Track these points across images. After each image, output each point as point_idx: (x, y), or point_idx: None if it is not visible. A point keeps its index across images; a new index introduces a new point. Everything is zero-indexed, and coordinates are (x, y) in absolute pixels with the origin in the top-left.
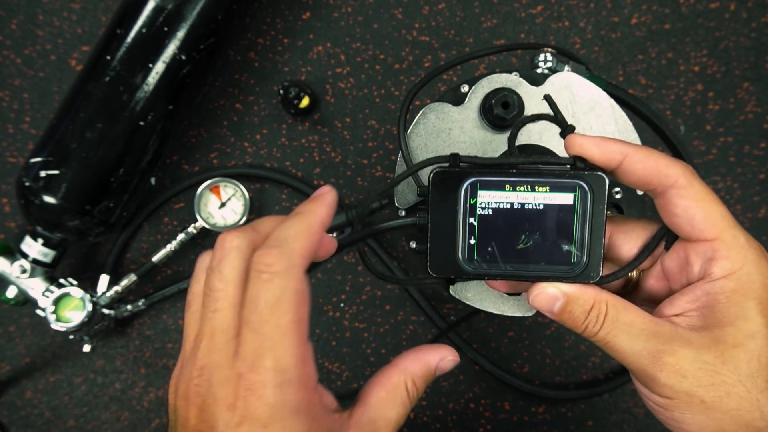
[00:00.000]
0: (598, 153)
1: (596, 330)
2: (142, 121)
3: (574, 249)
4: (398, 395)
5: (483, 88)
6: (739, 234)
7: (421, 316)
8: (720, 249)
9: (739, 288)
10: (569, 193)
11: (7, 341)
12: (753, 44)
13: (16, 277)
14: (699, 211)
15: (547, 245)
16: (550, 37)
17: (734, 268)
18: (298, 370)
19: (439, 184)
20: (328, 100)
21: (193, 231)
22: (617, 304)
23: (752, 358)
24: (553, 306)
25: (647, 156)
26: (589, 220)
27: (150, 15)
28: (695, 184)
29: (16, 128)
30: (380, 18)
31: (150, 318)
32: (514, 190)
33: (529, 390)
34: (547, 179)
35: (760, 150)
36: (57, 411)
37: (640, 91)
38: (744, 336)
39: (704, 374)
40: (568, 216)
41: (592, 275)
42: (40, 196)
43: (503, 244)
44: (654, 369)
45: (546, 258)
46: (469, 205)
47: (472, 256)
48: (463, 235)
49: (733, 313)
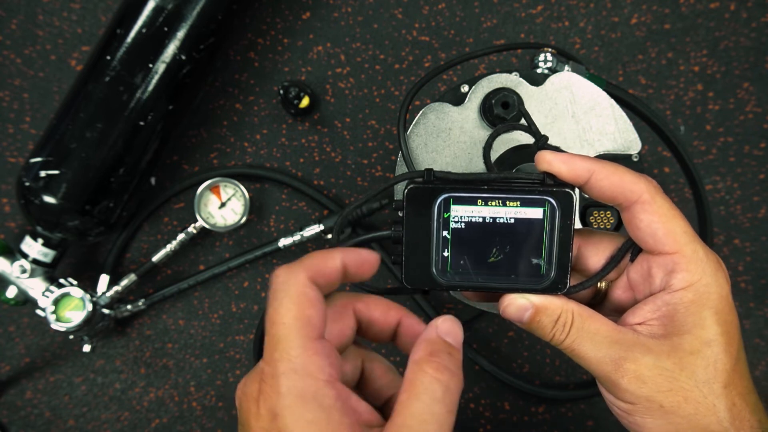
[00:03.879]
0: (566, 170)
1: (563, 338)
2: (142, 121)
3: (542, 262)
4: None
5: (483, 88)
6: (698, 248)
7: (421, 316)
8: (680, 262)
9: (697, 299)
10: (539, 208)
11: (7, 341)
12: (753, 44)
13: (16, 277)
14: (661, 225)
15: (518, 258)
16: (550, 37)
17: (693, 280)
18: (303, 360)
19: (414, 199)
20: (328, 100)
21: (193, 231)
22: (582, 313)
23: (708, 365)
24: (522, 316)
25: (613, 173)
26: (558, 234)
27: (150, 15)
28: (658, 200)
29: (16, 128)
30: (380, 18)
31: (150, 318)
32: (486, 204)
33: (529, 390)
34: (518, 195)
35: (760, 150)
36: (57, 411)
37: (640, 91)
38: (701, 344)
39: (663, 380)
40: (537, 230)
41: (559, 287)
42: (40, 196)
43: (475, 257)
44: (616, 375)
45: (516, 271)
46: (442, 219)
47: (445, 269)
48: (437, 249)
49: (691, 322)
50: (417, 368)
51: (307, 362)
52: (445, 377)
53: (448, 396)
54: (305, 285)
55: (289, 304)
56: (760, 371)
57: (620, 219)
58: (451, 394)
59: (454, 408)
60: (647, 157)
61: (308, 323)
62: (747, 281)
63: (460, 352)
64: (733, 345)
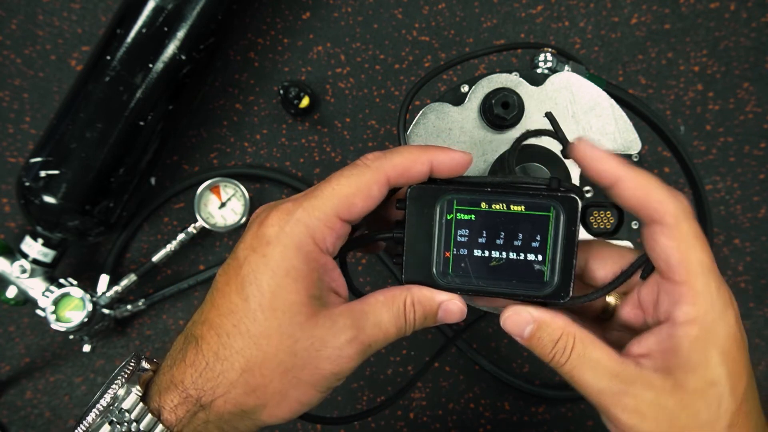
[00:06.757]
0: (593, 168)
1: (563, 362)
2: (142, 121)
3: (545, 269)
4: (395, 304)
5: (483, 88)
6: (711, 282)
7: None
8: (686, 294)
9: (703, 335)
10: (543, 212)
11: (7, 341)
12: (753, 44)
13: (16, 277)
14: (676, 253)
15: (520, 264)
16: (550, 37)
17: (698, 315)
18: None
19: (416, 200)
20: (328, 100)
21: (193, 231)
22: (585, 339)
23: (712, 406)
24: (523, 331)
25: (640, 186)
26: (561, 240)
27: (150, 15)
28: (683, 226)
29: (16, 128)
30: (380, 18)
31: (150, 318)
32: (490, 207)
33: (529, 390)
34: (522, 198)
35: (760, 150)
36: (57, 411)
37: (640, 91)
38: (705, 384)
39: (664, 418)
40: (541, 236)
41: (562, 295)
42: (40, 196)
43: (477, 260)
44: (616, 409)
45: (518, 276)
46: (445, 220)
47: (446, 271)
48: (438, 250)
49: (696, 360)
50: (404, 294)
51: (319, 228)
52: (406, 320)
53: (397, 320)
54: (376, 182)
55: (351, 184)
56: (760, 371)
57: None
58: (399, 322)
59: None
60: (647, 157)
61: (349, 208)
62: (747, 281)
63: None
64: (740, 386)
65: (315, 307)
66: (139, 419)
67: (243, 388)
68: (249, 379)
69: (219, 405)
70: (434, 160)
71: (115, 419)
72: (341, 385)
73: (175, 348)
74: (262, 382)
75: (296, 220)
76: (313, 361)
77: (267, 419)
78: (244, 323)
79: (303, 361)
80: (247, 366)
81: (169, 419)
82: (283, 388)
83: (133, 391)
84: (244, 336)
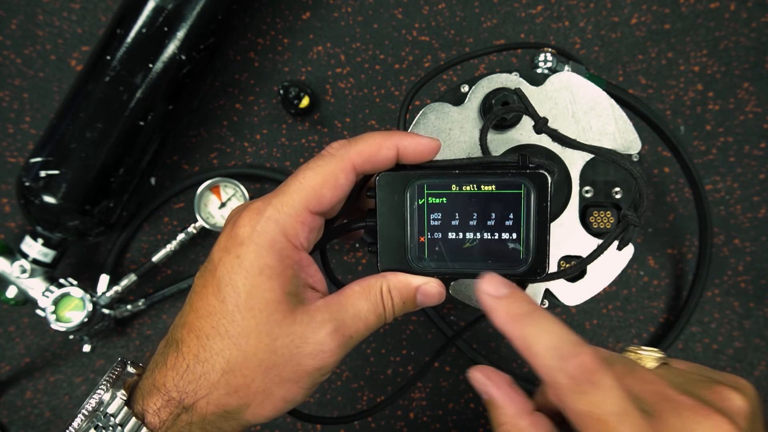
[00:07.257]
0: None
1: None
2: (142, 121)
3: (520, 246)
4: (372, 293)
5: (483, 88)
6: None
7: (421, 316)
8: None
9: None
10: (514, 190)
11: (7, 341)
12: (753, 44)
13: (16, 277)
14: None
15: (494, 243)
16: (550, 37)
17: None
18: (289, 221)
19: (385, 187)
20: (328, 100)
21: (193, 231)
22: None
23: None
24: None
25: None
26: (534, 217)
27: (150, 15)
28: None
29: (16, 128)
30: (380, 18)
31: (150, 318)
32: (461, 189)
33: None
34: (492, 178)
35: (760, 150)
36: (57, 411)
37: (640, 91)
38: None
39: None
40: (513, 214)
41: (538, 271)
42: (40, 196)
43: (450, 243)
44: None
45: (493, 256)
46: (416, 205)
47: (421, 256)
48: (411, 235)
49: None
50: (380, 282)
51: (290, 224)
52: (384, 309)
53: (376, 309)
54: (342, 170)
55: (317, 175)
56: (760, 371)
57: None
58: (377, 311)
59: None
60: (647, 157)
61: (318, 200)
62: (747, 281)
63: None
64: None
65: (292, 303)
66: (124, 423)
67: (225, 388)
68: (230, 380)
69: (201, 406)
70: (400, 144)
71: (101, 423)
72: (341, 385)
73: (158, 352)
74: (243, 382)
75: (267, 218)
76: (295, 357)
77: (251, 418)
78: (222, 324)
79: (284, 359)
80: (228, 367)
81: (153, 422)
82: (266, 387)
83: (118, 396)
84: (223, 337)
